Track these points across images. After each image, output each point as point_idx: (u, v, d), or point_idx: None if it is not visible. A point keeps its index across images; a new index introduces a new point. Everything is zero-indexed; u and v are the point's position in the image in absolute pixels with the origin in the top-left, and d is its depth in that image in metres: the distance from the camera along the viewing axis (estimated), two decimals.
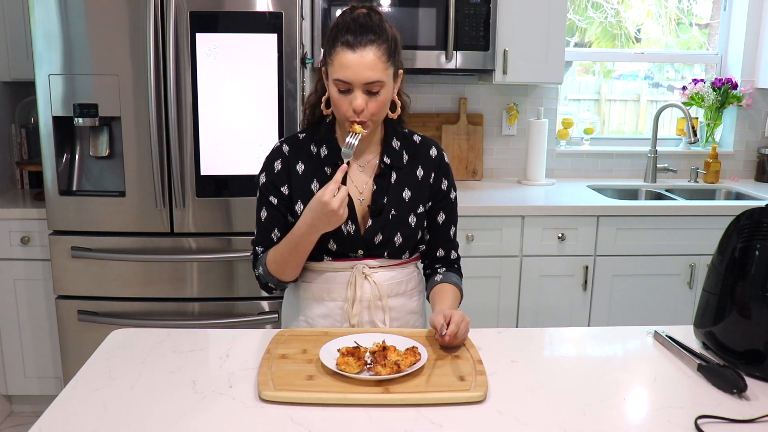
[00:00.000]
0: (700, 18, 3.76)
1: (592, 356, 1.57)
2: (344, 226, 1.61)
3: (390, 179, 1.66)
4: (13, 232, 2.81)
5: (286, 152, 1.67)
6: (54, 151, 2.62)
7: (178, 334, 1.60)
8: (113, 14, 2.52)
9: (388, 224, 1.64)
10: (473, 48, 2.99)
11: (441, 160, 1.72)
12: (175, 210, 2.66)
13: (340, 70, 1.50)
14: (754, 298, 1.39)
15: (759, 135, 3.62)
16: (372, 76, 1.50)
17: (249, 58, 2.57)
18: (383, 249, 1.65)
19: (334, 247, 1.63)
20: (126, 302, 2.72)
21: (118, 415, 1.23)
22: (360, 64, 1.49)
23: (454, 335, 1.43)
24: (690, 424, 1.21)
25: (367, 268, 1.64)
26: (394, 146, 1.67)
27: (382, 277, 1.66)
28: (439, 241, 1.74)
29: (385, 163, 1.66)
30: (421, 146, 1.71)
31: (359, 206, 1.65)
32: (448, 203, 1.74)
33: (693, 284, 3.00)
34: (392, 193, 1.65)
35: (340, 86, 1.52)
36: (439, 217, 1.72)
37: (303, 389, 1.29)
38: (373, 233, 1.63)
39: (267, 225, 1.67)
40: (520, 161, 3.51)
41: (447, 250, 1.75)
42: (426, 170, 1.69)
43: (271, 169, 1.67)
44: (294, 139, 1.70)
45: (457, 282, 1.74)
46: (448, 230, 1.74)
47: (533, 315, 2.97)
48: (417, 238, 1.69)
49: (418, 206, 1.68)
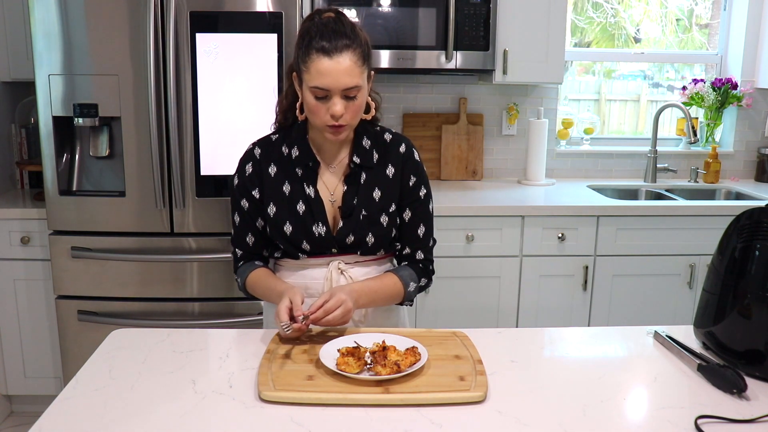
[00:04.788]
0: (700, 18, 3.77)
1: (592, 356, 1.57)
2: (315, 228, 1.63)
3: (360, 179, 1.66)
4: (13, 232, 2.81)
5: (258, 155, 1.68)
6: (54, 151, 2.62)
7: (178, 334, 1.60)
8: (113, 14, 2.52)
9: (360, 225, 1.64)
10: (473, 48, 2.99)
11: (410, 156, 1.70)
12: (175, 210, 2.66)
13: (318, 78, 1.49)
14: (754, 298, 1.39)
15: (759, 135, 3.62)
16: (350, 81, 1.50)
17: (249, 58, 2.57)
18: (356, 248, 1.66)
19: (307, 248, 1.65)
20: (126, 302, 2.72)
21: (118, 415, 1.23)
22: (337, 70, 1.48)
23: (320, 320, 1.46)
24: (690, 424, 1.21)
25: (342, 264, 1.66)
26: (364, 145, 1.67)
27: (358, 272, 1.67)
28: (406, 240, 1.72)
29: (355, 163, 1.65)
30: (391, 144, 1.70)
31: (330, 207, 1.66)
32: (416, 200, 1.70)
33: (693, 284, 3.00)
34: (362, 193, 1.65)
35: (318, 93, 1.51)
36: (406, 214, 1.70)
37: (303, 389, 1.29)
38: (344, 234, 1.64)
39: (241, 230, 1.72)
40: (520, 161, 3.51)
41: (413, 249, 1.72)
42: (395, 168, 1.68)
43: (243, 171, 1.69)
44: (266, 141, 1.71)
45: (405, 275, 1.67)
46: (415, 229, 1.71)
47: (533, 315, 2.97)
48: (391, 236, 1.69)
49: (390, 205, 1.67)
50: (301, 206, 1.64)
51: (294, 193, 1.65)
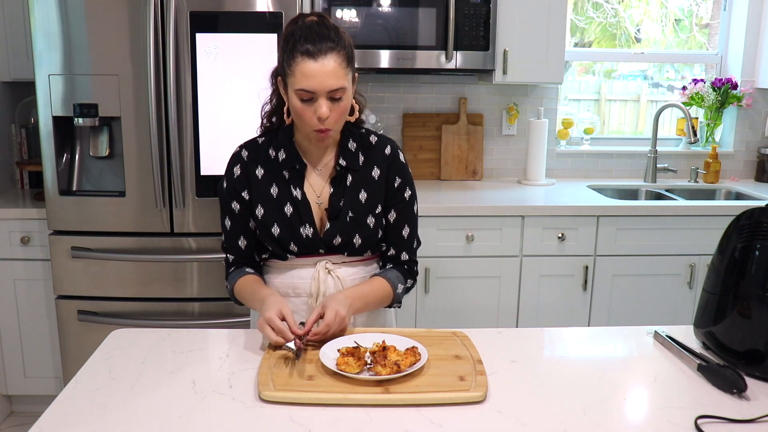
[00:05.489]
0: (700, 18, 3.76)
1: (592, 356, 1.57)
2: (302, 230, 1.64)
3: (346, 181, 1.67)
4: (13, 232, 2.81)
5: (245, 157, 1.69)
6: (54, 151, 2.62)
7: (178, 334, 1.60)
8: (113, 14, 2.52)
9: (346, 227, 1.65)
10: (473, 48, 2.99)
11: (395, 158, 1.71)
12: (175, 210, 2.66)
13: (303, 80, 1.50)
14: (754, 298, 1.39)
15: (759, 135, 3.62)
16: (335, 83, 1.51)
17: (249, 58, 2.57)
18: (343, 249, 1.67)
19: (295, 249, 1.65)
20: (126, 302, 2.72)
21: (118, 415, 1.23)
22: (322, 72, 1.49)
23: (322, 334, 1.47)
24: (690, 424, 1.21)
25: (330, 264, 1.67)
26: (350, 148, 1.68)
27: (345, 272, 1.68)
28: (391, 241, 1.73)
29: (341, 166, 1.66)
30: (377, 146, 1.71)
31: (317, 209, 1.67)
32: (401, 202, 1.71)
33: (693, 284, 2.99)
34: (349, 195, 1.66)
35: (303, 96, 1.52)
36: (391, 215, 1.71)
37: (303, 389, 1.30)
38: (331, 236, 1.65)
39: (232, 234, 1.72)
40: (520, 161, 3.51)
41: (398, 251, 1.73)
42: (381, 169, 1.69)
43: (231, 174, 1.69)
44: (253, 144, 1.71)
45: (393, 277, 1.69)
46: (400, 230, 1.72)
47: (533, 315, 2.97)
48: (377, 237, 1.70)
49: (376, 207, 1.68)
50: (288, 208, 1.65)
51: (281, 195, 1.65)
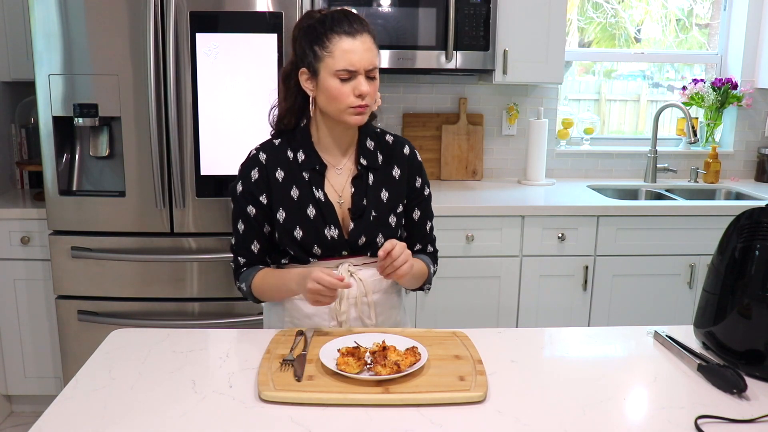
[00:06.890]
0: (700, 18, 3.77)
1: (592, 356, 1.57)
2: (327, 231, 1.63)
3: (368, 180, 1.67)
4: (13, 232, 2.81)
5: (264, 160, 1.67)
6: (54, 151, 2.62)
7: (178, 334, 1.60)
8: (113, 14, 2.52)
9: (370, 225, 1.65)
10: (473, 48, 2.99)
11: (414, 158, 1.75)
12: (175, 210, 2.66)
13: (344, 58, 1.53)
14: (754, 298, 1.39)
15: (759, 135, 3.62)
16: (374, 60, 1.57)
17: (249, 58, 2.57)
18: (367, 249, 1.67)
19: (318, 252, 1.64)
20: (126, 302, 2.72)
21: (118, 415, 1.23)
22: (363, 48, 1.55)
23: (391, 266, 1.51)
24: (690, 424, 1.21)
25: (352, 266, 1.66)
26: (368, 146, 1.69)
27: (367, 273, 1.67)
28: (417, 237, 1.78)
29: (362, 165, 1.67)
30: (395, 146, 1.73)
31: (339, 209, 1.66)
32: (423, 200, 1.77)
33: (693, 284, 3.00)
34: (371, 194, 1.67)
35: (343, 75, 1.54)
36: (415, 214, 1.75)
37: (303, 389, 1.30)
38: (356, 236, 1.65)
39: (245, 237, 1.69)
40: (520, 161, 3.51)
41: (424, 245, 1.79)
42: (401, 169, 1.71)
43: (248, 177, 1.66)
44: (270, 145, 1.70)
45: (427, 260, 1.77)
46: (425, 226, 1.78)
47: (533, 315, 2.97)
48: (397, 236, 1.71)
49: (397, 206, 1.70)
50: (311, 210, 1.64)
51: (302, 198, 1.64)
